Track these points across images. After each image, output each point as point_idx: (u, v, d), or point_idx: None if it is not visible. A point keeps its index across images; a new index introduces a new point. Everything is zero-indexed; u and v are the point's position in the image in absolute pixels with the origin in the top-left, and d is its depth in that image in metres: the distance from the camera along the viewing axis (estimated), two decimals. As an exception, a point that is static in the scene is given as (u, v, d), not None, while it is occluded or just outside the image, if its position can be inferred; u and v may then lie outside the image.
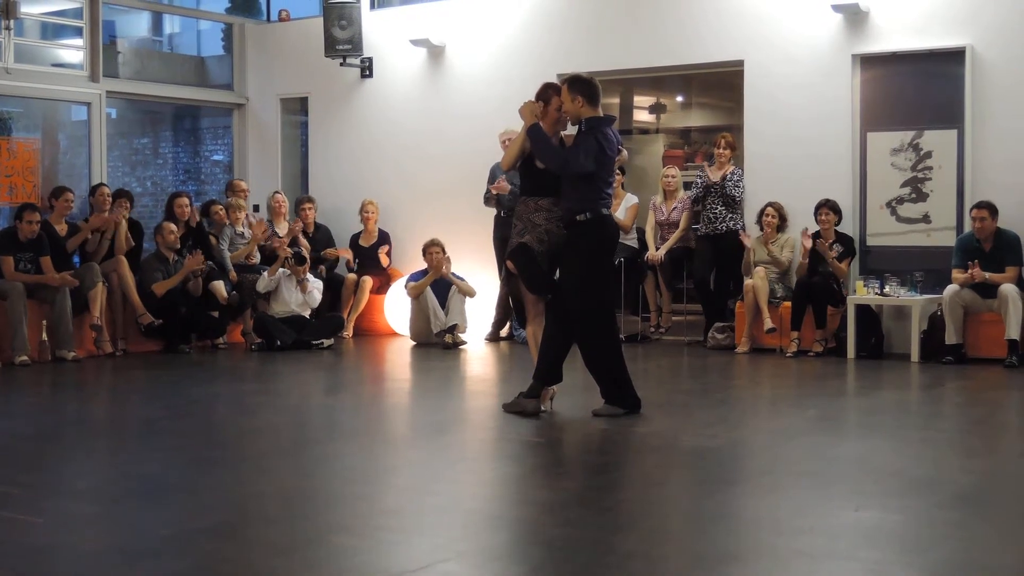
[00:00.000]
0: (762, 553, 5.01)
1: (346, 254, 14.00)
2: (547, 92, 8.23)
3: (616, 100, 15.81)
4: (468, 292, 12.96)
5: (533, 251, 8.02)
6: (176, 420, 8.50)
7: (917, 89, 11.84)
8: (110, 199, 12.52)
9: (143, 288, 12.17)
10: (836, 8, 11.88)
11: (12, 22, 13.13)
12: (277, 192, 14.04)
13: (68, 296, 11.50)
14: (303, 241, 13.48)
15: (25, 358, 11.10)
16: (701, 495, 6.09)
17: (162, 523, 5.44)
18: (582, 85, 8.02)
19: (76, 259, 12.15)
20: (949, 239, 11.46)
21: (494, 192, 12.47)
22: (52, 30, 14.92)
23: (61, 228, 12.06)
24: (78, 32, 14.10)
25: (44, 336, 11.51)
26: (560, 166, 7.97)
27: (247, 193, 14.06)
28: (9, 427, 8.42)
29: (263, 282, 12.69)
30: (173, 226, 12.52)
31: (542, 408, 8.16)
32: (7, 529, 5.38)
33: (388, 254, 14.01)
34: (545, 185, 8.09)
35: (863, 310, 11.45)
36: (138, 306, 12.03)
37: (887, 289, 11.33)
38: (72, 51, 14.31)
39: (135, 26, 18.17)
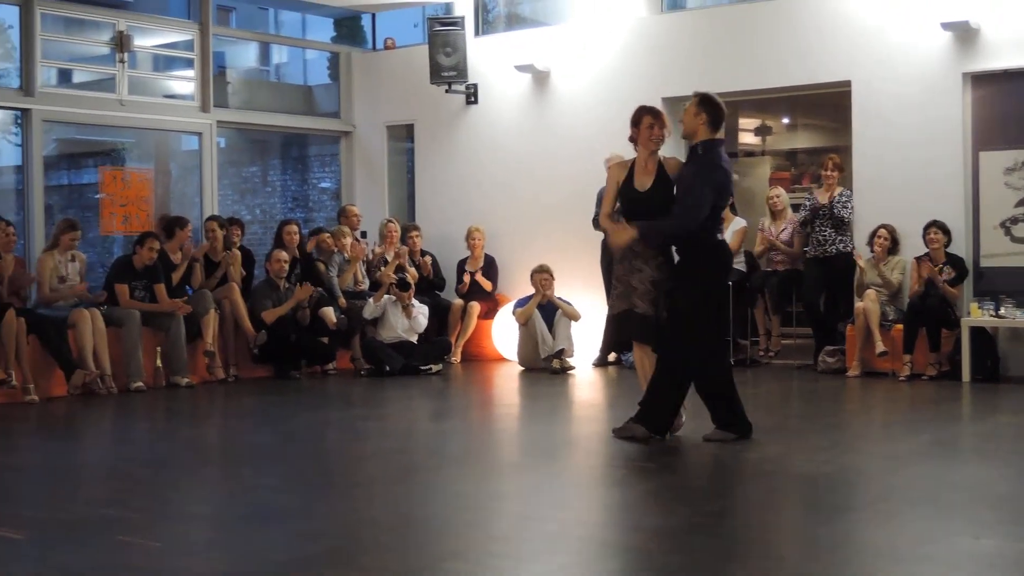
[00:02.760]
0: (880, 582, 4.94)
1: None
2: (639, 113, 8.21)
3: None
4: (573, 316, 12.95)
5: (637, 315, 7.97)
6: (288, 445, 8.59)
7: (1031, 107, 11.65)
8: (221, 232, 12.69)
9: (253, 315, 12.34)
10: (945, 26, 11.71)
11: (126, 55, 13.42)
12: (389, 221, 14.10)
13: (182, 323, 11.70)
14: (409, 268, 13.56)
15: (140, 384, 11.31)
16: (816, 522, 6.01)
17: (276, 548, 5.50)
18: (711, 106, 7.99)
19: (189, 289, 12.32)
20: (1066, 259, 11.24)
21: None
22: (164, 62, 15.21)
23: (176, 257, 12.24)
24: (189, 64, 14.35)
25: (159, 363, 11.71)
26: (691, 224, 7.88)
27: (360, 219, 14.16)
28: (126, 452, 8.59)
29: (369, 308, 12.76)
30: (284, 254, 12.67)
31: (668, 434, 8.12)
32: (127, 553, 5.47)
33: (489, 278, 14.02)
34: (648, 211, 8.06)
35: (978, 332, 11.24)
36: (249, 331, 12.20)
37: (1003, 311, 11.11)
38: (183, 82, 14.57)
39: (244, 57, 18.47)
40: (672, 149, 10.62)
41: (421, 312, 12.98)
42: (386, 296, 12.83)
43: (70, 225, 11.70)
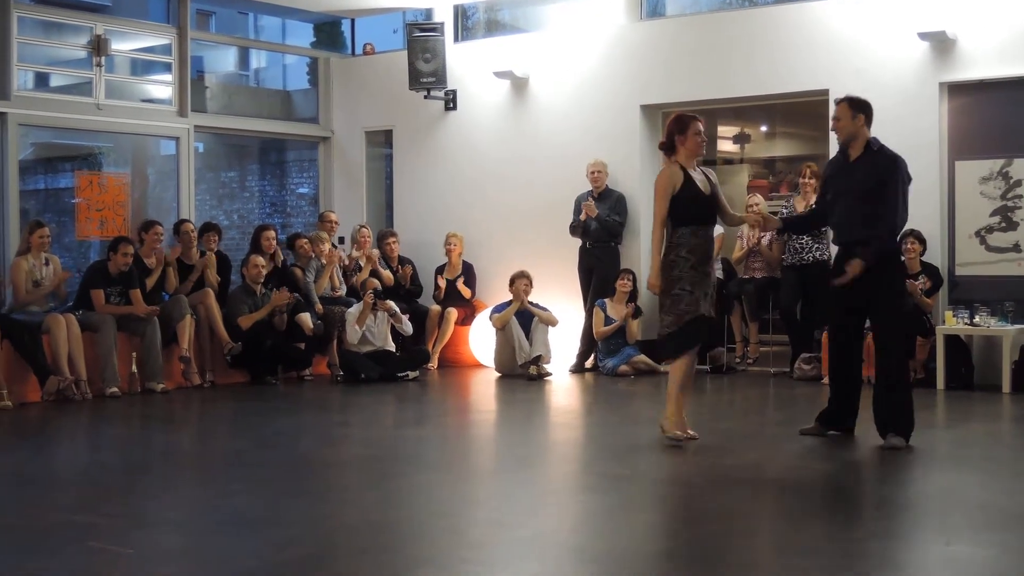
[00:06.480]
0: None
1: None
2: (687, 121, 8.18)
3: (700, 130, 15.74)
4: (550, 321, 12.93)
5: (707, 319, 8.08)
6: (263, 452, 8.56)
7: (1006, 117, 11.67)
8: (195, 235, 12.69)
9: (229, 321, 12.29)
10: (923, 36, 11.75)
11: (103, 59, 13.38)
12: (363, 226, 14.10)
13: (157, 329, 11.65)
14: (385, 273, 13.56)
15: (115, 390, 11.26)
16: (789, 529, 6.01)
17: (249, 555, 5.48)
18: (865, 106, 8.35)
19: (166, 295, 12.28)
20: (1041, 268, 11.29)
21: (582, 218, 12.56)
22: (142, 66, 15.15)
23: (150, 261, 12.20)
24: (167, 68, 14.31)
25: (134, 368, 11.64)
26: (906, 219, 8.23)
27: (336, 225, 14.15)
28: (100, 458, 8.55)
29: (354, 335, 12.52)
30: (260, 259, 12.62)
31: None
32: (98, 560, 5.45)
33: (468, 284, 14.01)
34: (711, 213, 8.23)
35: (953, 340, 11.28)
36: (223, 337, 12.15)
37: (977, 319, 11.16)
38: (161, 87, 14.53)
39: (222, 61, 18.44)
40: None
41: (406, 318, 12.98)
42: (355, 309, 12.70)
43: (37, 224, 11.68)
